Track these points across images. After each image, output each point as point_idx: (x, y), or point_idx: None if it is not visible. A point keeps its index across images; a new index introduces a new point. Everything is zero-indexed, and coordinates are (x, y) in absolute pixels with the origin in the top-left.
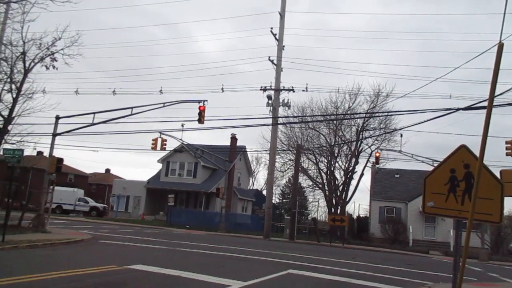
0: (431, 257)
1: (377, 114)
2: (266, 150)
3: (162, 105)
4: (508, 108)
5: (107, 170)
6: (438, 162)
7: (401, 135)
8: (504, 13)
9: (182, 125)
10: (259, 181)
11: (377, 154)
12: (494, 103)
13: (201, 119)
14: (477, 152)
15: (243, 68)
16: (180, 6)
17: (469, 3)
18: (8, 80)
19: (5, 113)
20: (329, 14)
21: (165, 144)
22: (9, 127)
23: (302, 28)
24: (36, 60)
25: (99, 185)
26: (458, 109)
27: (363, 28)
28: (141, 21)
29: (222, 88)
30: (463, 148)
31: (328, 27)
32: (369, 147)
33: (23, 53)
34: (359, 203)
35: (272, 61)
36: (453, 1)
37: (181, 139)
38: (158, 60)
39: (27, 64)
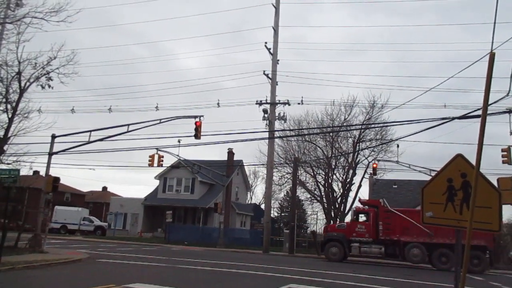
0: (432, 267)
1: (373, 125)
2: (263, 164)
3: (158, 121)
4: (499, 117)
5: (104, 188)
6: (435, 172)
7: (398, 146)
8: (494, 23)
9: (179, 141)
10: (257, 195)
11: (374, 165)
12: (488, 112)
13: (197, 135)
14: (473, 161)
15: (231, 84)
16: (159, 25)
17: (436, 16)
18: (4, 100)
19: (1, 133)
20: (304, 28)
21: (162, 161)
22: (5, 147)
23: (281, 41)
24: (31, 80)
25: (96, 203)
26: (453, 118)
27: (338, 41)
28: (124, 41)
29: (218, 103)
30: (459, 157)
31: (304, 41)
32: (366, 158)
33: (19, 73)
34: None
35: (267, 75)
36: (420, 14)
37: (177, 155)
38: (145, 78)
39: (22, 84)
